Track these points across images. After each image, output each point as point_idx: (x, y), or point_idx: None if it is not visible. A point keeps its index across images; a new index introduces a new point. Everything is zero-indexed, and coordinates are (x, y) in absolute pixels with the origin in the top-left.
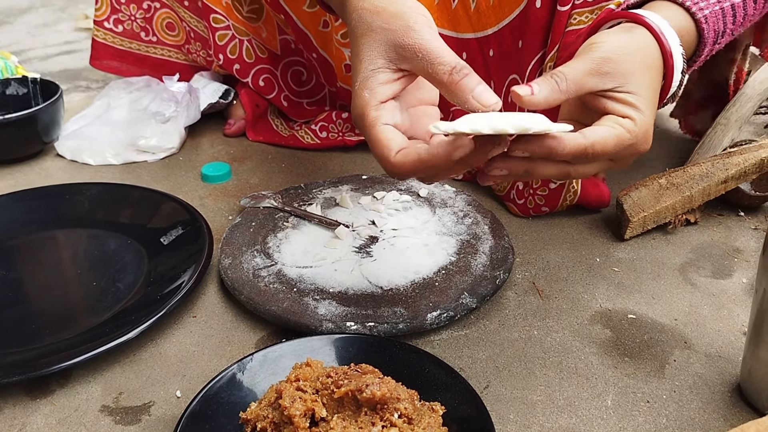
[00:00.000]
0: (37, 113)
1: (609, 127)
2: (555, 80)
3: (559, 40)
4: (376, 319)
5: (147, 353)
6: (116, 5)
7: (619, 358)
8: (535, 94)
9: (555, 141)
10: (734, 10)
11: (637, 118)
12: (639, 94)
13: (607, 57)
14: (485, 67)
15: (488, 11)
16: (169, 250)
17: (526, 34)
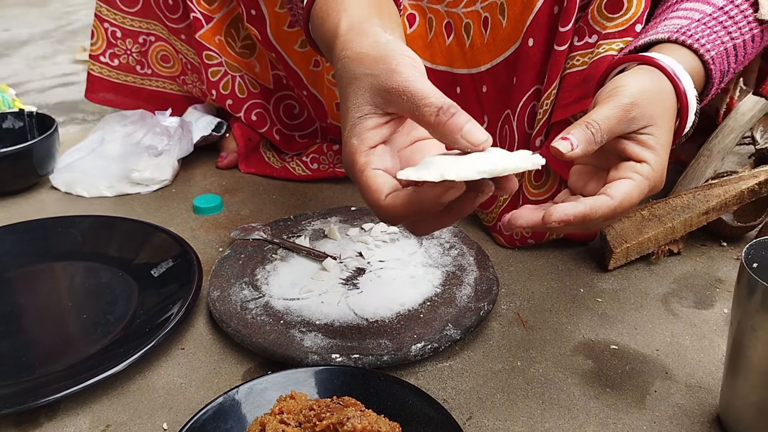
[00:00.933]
0: (32, 147)
1: (630, 180)
2: (591, 131)
3: (556, 79)
4: (361, 351)
5: (135, 385)
6: (112, 40)
7: (601, 388)
8: (575, 149)
9: (589, 210)
10: (736, 50)
11: (653, 161)
12: (657, 136)
13: (634, 102)
14: (479, 103)
15: (482, 48)
16: (160, 282)
17: (520, 71)
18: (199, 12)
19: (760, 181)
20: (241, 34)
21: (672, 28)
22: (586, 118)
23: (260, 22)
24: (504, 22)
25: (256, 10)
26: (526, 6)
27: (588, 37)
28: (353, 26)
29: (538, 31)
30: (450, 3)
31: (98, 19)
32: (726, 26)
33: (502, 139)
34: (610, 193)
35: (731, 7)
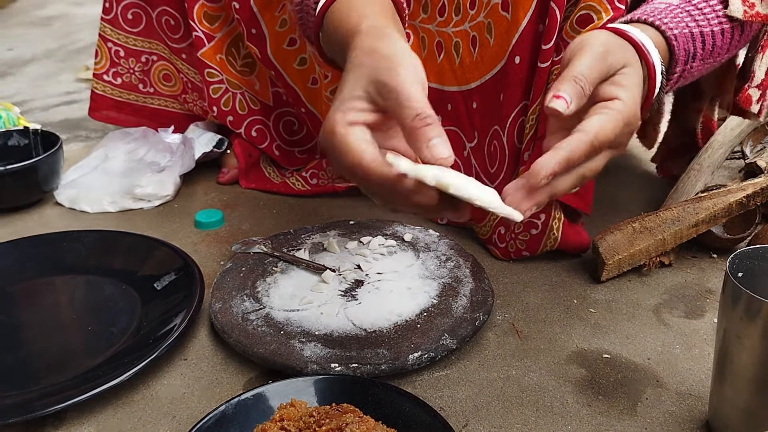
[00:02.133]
0: (37, 163)
1: (602, 114)
2: (580, 85)
3: (540, 94)
4: (360, 361)
5: (139, 395)
6: (115, 59)
7: (594, 396)
8: (570, 106)
9: (567, 151)
10: (703, 37)
11: (625, 96)
12: (628, 75)
13: (606, 49)
14: (470, 119)
15: (472, 66)
16: (162, 295)
17: (507, 87)
18: (201, 31)
19: (747, 194)
20: (242, 52)
21: (638, 13)
22: (572, 72)
23: (260, 41)
24: (491, 41)
25: (256, 29)
26: (511, 25)
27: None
28: (374, 27)
29: (523, 49)
30: (440, 23)
31: (102, 39)
32: (692, 15)
33: (491, 155)
34: (582, 128)
35: (699, 0)
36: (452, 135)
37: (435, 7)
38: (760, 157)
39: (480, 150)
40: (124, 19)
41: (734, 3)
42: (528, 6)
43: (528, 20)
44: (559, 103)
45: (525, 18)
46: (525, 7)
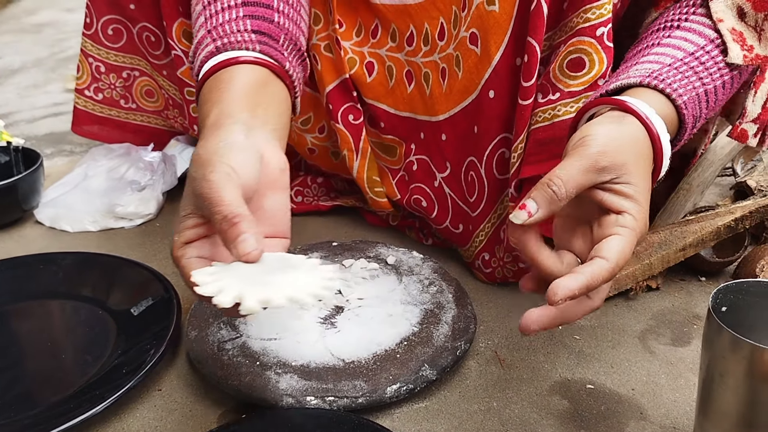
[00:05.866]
0: (17, 183)
1: (618, 236)
2: (552, 189)
3: (522, 132)
4: (336, 393)
5: (111, 428)
6: (96, 74)
7: (576, 430)
8: (533, 215)
9: (590, 278)
10: (707, 96)
11: (634, 211)
12: (634, 184)
13: (603, 151)
14: (439, 150)
15: (441, 98)
16: (139, 320)
17: (482, 120)
18: (180, 50)
19: (736, 218)
20: None
21: (643, 72)
22: (550, 175)
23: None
24: (459, 74)
25: None
26: (481, 60)
27: (551, 95)
28: (215, 123)
29: (498, 83)
30: (409, 52)
31: (83, 54)
32: (697, 72)
33: (469, 185)
34: (604, 255)
35: (702, 53)
36: (423, 164)
37: (403, 37)
38: (751, 176)
39: (455, 180)
40: (104, 34)
41: (733, 50)
42: (500, 41)
43: (501, 55)
44: (520, 215)
45: (498, 52)
46: (497, 42)
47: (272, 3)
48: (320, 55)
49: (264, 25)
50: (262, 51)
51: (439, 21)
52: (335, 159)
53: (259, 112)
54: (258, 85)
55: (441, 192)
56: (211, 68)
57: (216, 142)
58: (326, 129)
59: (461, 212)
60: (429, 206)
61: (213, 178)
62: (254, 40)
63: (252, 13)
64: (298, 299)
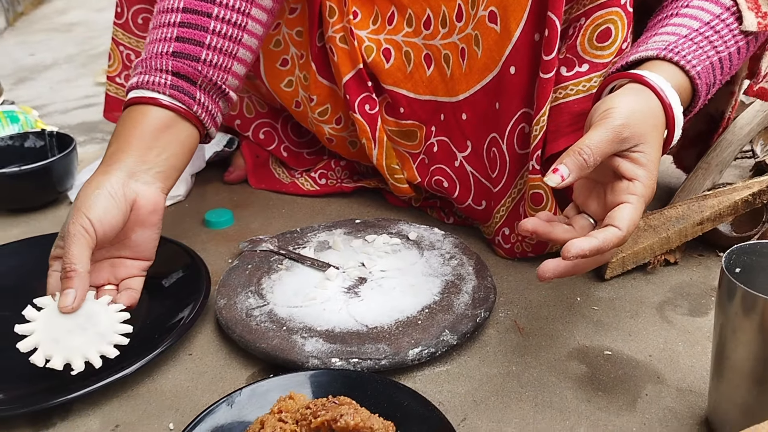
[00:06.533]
0: (52, 164)
1: (629, 204)
2: (582, 157)
3: (543, 106)
4: (360, 356)
5: (144, 388)
6: (127, 62)
7: (593, 392)
8: (566, 179)
9: (602, 243)
10: (721, 63)
11: (644, 178)
12: (648, 153)
13: (625, 123)
14: (460, 129)
15: (461, 78)
16: (170, 291)
17: (503, 97)
18: None
19: (753, 192)
20: None
21: (660, 45)
22: (579, 144)
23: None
24: (479, 53)
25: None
26: (501, 37)
27: (579, 67)
28: (108, 160)
29: (519, 59)
30: (427, 36)
31: (114, 42)
32: (712, 41)
33: (491, 162)
34: (616, 224)
35: (717, 21)
36: (443, 145)
37: (420, 21)
38: None
39: (477, 157)
40: (134, 23)
41: (748, 17)
42: (519, 17)
43: (521, 31)
44: (553, 178)
45: (517, 29)
46: (516, 18)
47: (204, 39)
48: (336, 46)
49: (185, 66)
50: (172, 95)
51: (457, 3)
52: (353, 148)
53: (149, 156)
54: (160, 129)
55: (462, 171)
56: (130, 99)
57: (93, 189)
58: (343, 120)
59: (483, 189)
60: (450, 186)
61: (71, 230)
62: (168, 83)
63: (180, 50)
64: (90, 359)
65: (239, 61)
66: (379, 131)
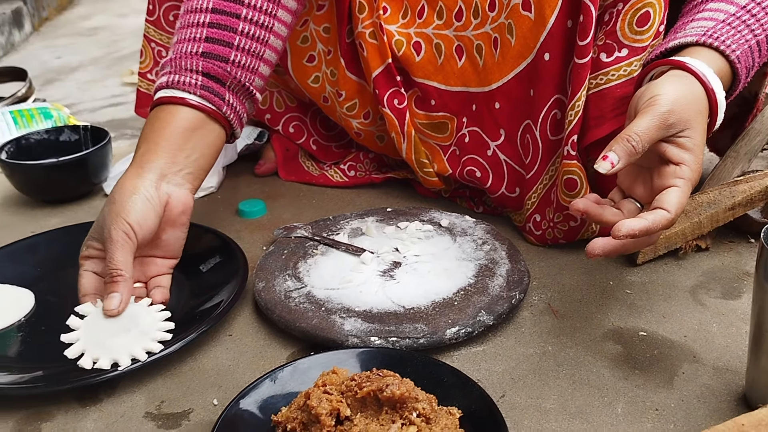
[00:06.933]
0: (87, 156)
1: (677, 188)
2: (631, 144)
3: (579, 91)
4: (399, 335)
5: (186, 367)
6: (158, 59)
7: (630, 370)
8: (615, 165)
9: (651, 224)
10: (759, 46)
11: (691, 162)
12: (694, 138)
13: (672, 109)
14: (492, 119)
15: (493, 67)
16: (208, 276)
17: (537, 83)
18: None
19: None
20: None
21: (699, 31)
22: (628, 131)
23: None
24: (513, 41)
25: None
26: (536, 24)
27: (618, 52)
28: (140, 161)
29: (553, 45)
30: (458, 27)
31: (146, 39)
32: (749, 24)
33: (524, 148)
34: (665, 207)
35: (753, 5)
36: (475, 136)
37: (451, 13)
38: None
39: (511, 145)
40: (166, 20)
41: None
42: (554, 4)
43: (555, 18)
44: (603, 165)
45: (552, 15)
46: (551, 5)
47: (233, 40)
48: (365, 42)
49: (214, 67)
50: (203, 96)
51: None
52: (381, 142)
53: (179, 158)
54: (190, 129)
55: (495, 159)
56: (159, 98)
57: (130, 193)
58: (371, 114)
59: (517, 176)
60: (483, 176)
61: (114, 236)
62: (199, 84)
63: (209, 51)
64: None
65: (265, 62)
66: (407, 125)
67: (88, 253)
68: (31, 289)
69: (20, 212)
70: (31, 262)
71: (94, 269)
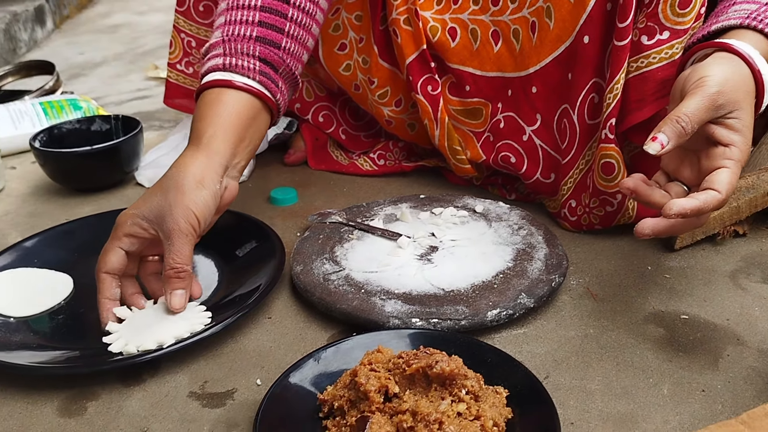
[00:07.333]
0: (120, 144)
1: (727, 169)
2: (681, 125)
3: (618, 73)
4: (440, 316)
5: (228, 348)
6: (188, 49)
7: (674, 353)
8: (665, 146)
9: (702, 204)
10: None
11: (740, 143)
12: (742, 119)
13: (720, 90)
14: (529, 103)
15: (531, 51)
16: (244, 260)
17: (576, 67)
18: None
19: None
20: None
21: (742, 14)
22: (677, 112)
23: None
24: (551, 24)
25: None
26: (575, 6)
27: (660, 35)
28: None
29: (592, 28)
30: (495, 12)
31: (176, 30)
32: None
33: (561, 133)
34: (716, 187)
35: None
36: (510, 121)
37: None
38: None
39: (547, 129)
40: (195, 10)
41: None
42: None
43: (595, 0)
44: (653, 146)
45: None
46: None
47: (284, 26)
48: (400, 28)
49: (270, 53)
50: (261, 82)
51: None
52: (411, 130)
53: (240, 148)
54: (251, 118)
55: (531, 145)
56: (215, 80)
57: (197, 184)
58: (403, 102)
59: (552, 161)
60: (518, 161)
61: (184, 228)
62: (257, 69)
63: (263, 35)
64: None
65: (307, 50)
66: (441, 112)
67: (133, 231)
68: (69, 274)
69: (53, 200)
70: (68, 248)
71: (129, 248)
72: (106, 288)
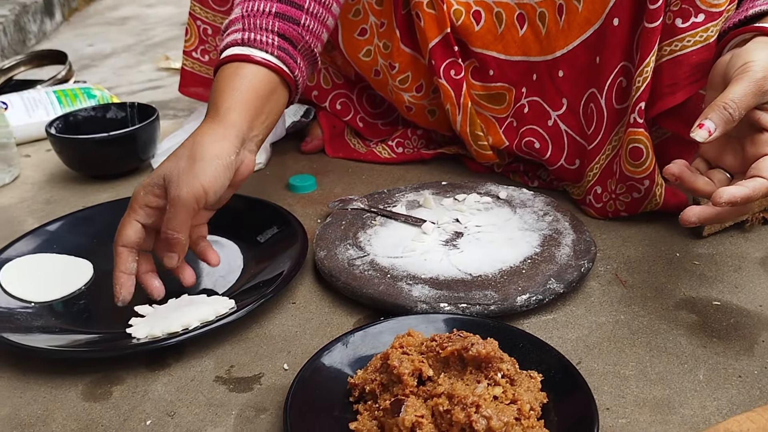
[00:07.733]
0: (137, 132)
1: None
2: (728, 111)
3: (648, 56)
4: (468, 301)
5: (253, 333)
6: (203, 37)
7: (708, 338)
8: (713, 133)
9: (751, 191)
10: None
11: None
12: None
13: (767, 75)
14: (555, 88)
15: (558, 35)
16: (266, 247)
17: (605, 50)
18: None
19: None
20: None
21: None
22: (723, 98)
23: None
24: (580, 7)
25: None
26: None
27: (695, 17)
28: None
29: (622, 10)
30: None
31: (192, 17)
32: None
33: (587, 118)
34: (764, 174)
35: None
36: (535, 106)
37: None
38: None
39: (573, 114)
40: None
41: None
42: None
43: None
44: (701, 133)
45: None
46: None
47: (303, 3)
48: (423, 12)
49: (289, 29)
50: (279, 57)
51: None
52: (431, 117)
53: (257, 122)
54: (269, 92)
55: (556, 130)
56: (233, 55)
57: (214, 157)
58: (424, 87)
59: (578, 147)
60: (542, 147)
61: (184, 198)
62: (276, 44)
63: (283, 11)
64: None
65: (326, 29)
66: (463, 97)
67: (147, 201)
68: (88, 259)
69: (70, 187)
70: (88, 234)
71: (145, 221)
72: (122, 261)
